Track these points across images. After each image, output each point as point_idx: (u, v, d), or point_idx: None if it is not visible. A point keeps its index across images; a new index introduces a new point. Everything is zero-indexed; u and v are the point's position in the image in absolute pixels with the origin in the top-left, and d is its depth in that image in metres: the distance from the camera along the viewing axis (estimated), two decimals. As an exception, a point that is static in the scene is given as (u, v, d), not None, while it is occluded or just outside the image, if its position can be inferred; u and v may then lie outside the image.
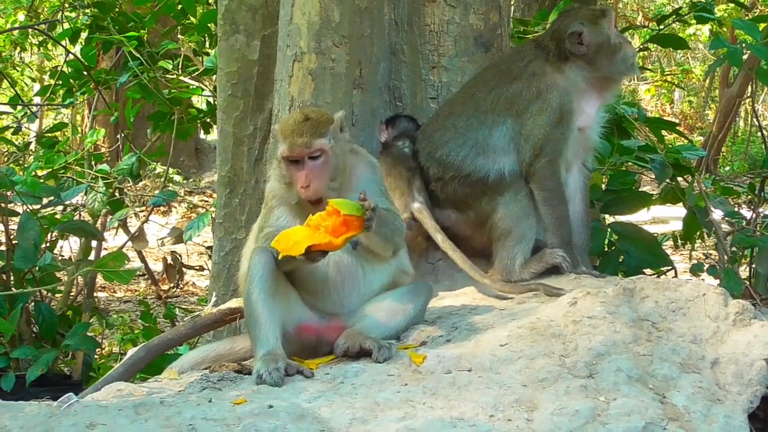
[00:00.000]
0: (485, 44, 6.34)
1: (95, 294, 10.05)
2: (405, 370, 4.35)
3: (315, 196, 4.72)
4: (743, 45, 6.74)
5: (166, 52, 8.56)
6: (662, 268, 7.00)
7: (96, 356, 8.06)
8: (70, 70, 8.98)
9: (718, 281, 6.31)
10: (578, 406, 3.94)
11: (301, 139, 4.74)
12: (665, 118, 23.73)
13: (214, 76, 7.89)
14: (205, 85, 8.81)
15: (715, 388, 4.20)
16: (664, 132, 7.60)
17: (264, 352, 4.49)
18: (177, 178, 16.63)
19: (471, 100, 5.96)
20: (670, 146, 7.23)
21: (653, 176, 6.84)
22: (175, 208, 16.23)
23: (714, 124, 21.69)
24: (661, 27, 7.66)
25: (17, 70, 16.83)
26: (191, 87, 8.70)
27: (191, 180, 18.22)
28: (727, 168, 23.22)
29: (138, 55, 8.29)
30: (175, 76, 8.68)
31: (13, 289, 6.90)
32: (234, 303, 5.40)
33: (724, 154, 23.60)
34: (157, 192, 9.02)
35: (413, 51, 6.28)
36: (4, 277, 7.13)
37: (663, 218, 14.23)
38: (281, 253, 4.50)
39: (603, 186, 6.85)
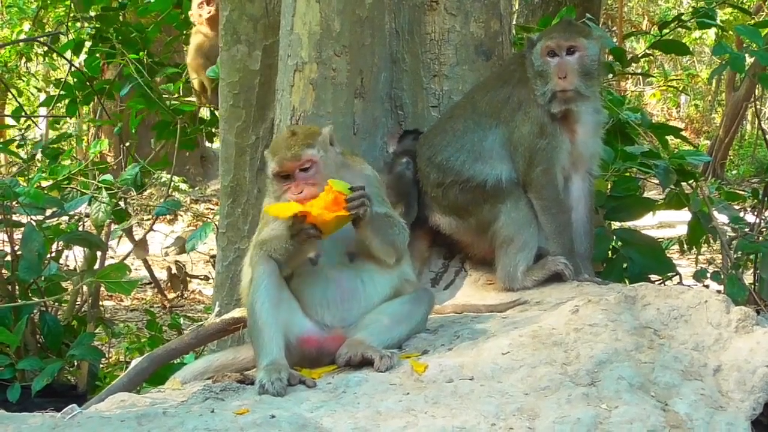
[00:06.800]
0: (486, 52, 6.34)
1: (102, 303, 10.05)
2: (407, 379, 4.35)
3: None
4: (748, 50, 6.74)
5: (169, 63, 8.60)
6: (667, 274, 6.99)
7: (102, 365, 8.07)
8: (74, 81, 9.02)
9: (722, 287, 6.30)
10: (580, 414, 3.94)
11: (290, 152, 4.77)
12: (671, 122, 23.81)
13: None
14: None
15: (718, 395, 4.19)
16: (669, 137, 7.59)
17: (267, 362, 4.49)
18: (183, 186, 16.67)
19: (469, 103, 5.99)
20: (675, 151, 7.22)
21: (658, 181, 6.82)
22: (181, 216, 16.24)
23: (720, 127, 21.67)
24: (664, 33, 7.66)
25: (23, 81, 16.87)
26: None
27: (197, 188, 18.23)
28: (734, 172, 23.15)
29: (140, 66, 8.32)
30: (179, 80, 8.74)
31: (18, 300, 6.91)
32: (237, 313, 5.41)
33: (731, 158, 23.54)
34: (162, 201, 9.04)
35: (414, 60, 6.29)
36: (9, 288, 7.13)
37: (670, 223, 14.18)
38: (272, 214, 4.60)
39: (607, 192, 6.84)
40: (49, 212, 7.38)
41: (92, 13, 8.85)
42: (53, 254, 7.64)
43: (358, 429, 3.91)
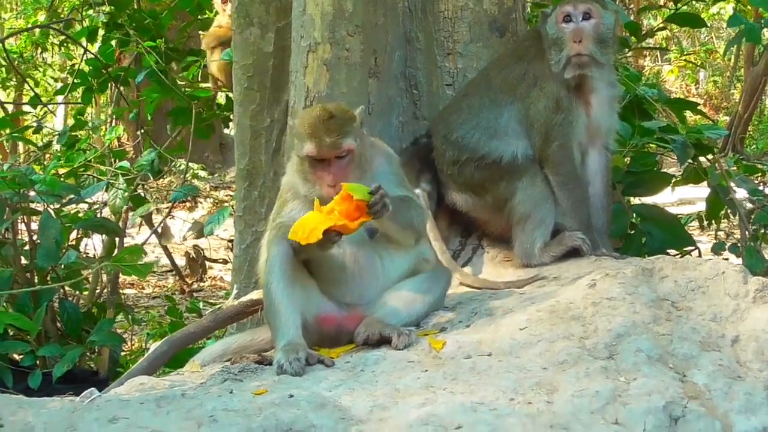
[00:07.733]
0: (500, 29, 6.32)
1: (123, 291, 10.08)
2: (425, 357, 4.35)
3: None
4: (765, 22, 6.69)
5: (183, 48, 8.61)
6: (686, 249, 6.96)
7: (124, 352, 8.10)
8: (89, 69, 9.04)
9: (740, 260, 6.27)
10: (598, 387, 3.92)
11: (329, 139, 4.67)
12: (690, 98, 23.62)
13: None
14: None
15: (736, 365, 4.17)
16: (688, 112, 7.55)
17: (284, 342, 4.50)
18: (202, 173, 16.69)
19: (484, 80, 5.98)
20: (693, 126, 7.18)
21: (676, 157, 6.79)
22: (201, 203, 16.27)
23: (740, 103, 21.54)
24: (679, 6, 7.60)
25: (39, 71, 16.92)
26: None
27: (216, 175, 18.23)
28: (754, 147, 23.02)
29: (154, 53, 8.34)
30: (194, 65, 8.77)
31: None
32: (255, 295, 5.42)
33: (751, 132, 23.39)
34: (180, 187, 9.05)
35: (428, 38, 6.27)
36: (28, 276, 7.16)
37: (690, 199, 14.12)
38: (301, 242, 4.50)
39: (625, 168, 6.80)
40: (65, 200, 7.39)
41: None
42: (73, 242, 7.67)
43: (377, 406, 3.91)
